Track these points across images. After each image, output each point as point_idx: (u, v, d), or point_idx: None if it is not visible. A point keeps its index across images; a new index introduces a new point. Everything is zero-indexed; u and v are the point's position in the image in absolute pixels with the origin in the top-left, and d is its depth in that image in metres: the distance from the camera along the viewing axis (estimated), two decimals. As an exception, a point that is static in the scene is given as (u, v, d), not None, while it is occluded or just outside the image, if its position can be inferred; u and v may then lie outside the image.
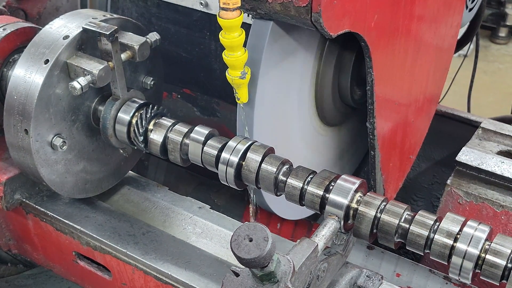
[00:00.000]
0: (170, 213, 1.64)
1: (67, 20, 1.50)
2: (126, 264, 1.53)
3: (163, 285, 1.47)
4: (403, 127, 1.80)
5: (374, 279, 1.33)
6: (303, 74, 1.64)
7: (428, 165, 2.32)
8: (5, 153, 1.65)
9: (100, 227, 1.60)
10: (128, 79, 1.56)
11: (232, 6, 1.22)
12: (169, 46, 1.89)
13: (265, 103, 1.51)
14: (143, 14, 1.91)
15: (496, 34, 5.66)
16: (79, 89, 1.40)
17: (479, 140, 1.95)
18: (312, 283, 1.20)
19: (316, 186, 1.32)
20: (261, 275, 1.03)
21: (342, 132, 1.94)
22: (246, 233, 1.00)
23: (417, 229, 1.25)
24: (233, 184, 1.41)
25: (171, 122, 1.49)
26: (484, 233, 1.21)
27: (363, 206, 1.28)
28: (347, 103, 1.82)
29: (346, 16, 1.28)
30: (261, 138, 1.46)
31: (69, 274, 1.79)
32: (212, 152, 1.42)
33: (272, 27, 1.40)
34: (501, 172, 1.78)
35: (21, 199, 1.68)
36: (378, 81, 1.50)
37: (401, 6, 1.49)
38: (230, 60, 1.32)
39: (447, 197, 1.82)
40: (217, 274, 1.45)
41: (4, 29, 1.57)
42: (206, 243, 1.55)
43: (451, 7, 1.83)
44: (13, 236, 1.83)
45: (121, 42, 1.48)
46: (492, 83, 4.99)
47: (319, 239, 1.23)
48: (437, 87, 2.00)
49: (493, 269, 1.18)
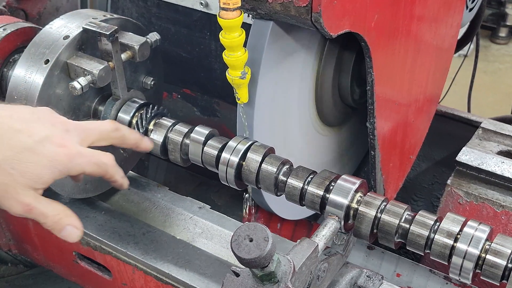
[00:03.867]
0: (170, 213, 1.64)
1: (67, 20, 1.50)
2: (126, 264, 1.53)
3: (163, 285, 1.47)
4: (403, 127, 1.80)
5: (374, 279, 1.33)
6: (303, 74, 1.64)
7: (428, 165, 2.32)
8: (5, 153, 1.65)
9: (100, 227, 1.60)
10: (128, 79, 1.56)
11: (232, 6, 1.22)
12: (169, 46, 1.89)
13: (265, 103, 1.51)
14: (143, 14, 1.91)
15: (496, 34, 5.66)
16: (79, 89, 1.40)
17: (479, 140, 1.95)
18: (313, 283, 1.20)
19: (316, 186, 1.32)
20: (261, 275, 1.03)
21: (342, 132, 1.94)
22: (246, 233, 1.00)
23: (417, 229, 1.25)
24: (233, 184, 1.41)
25: (171, 122, 1.49)
26: (484, 233, 1.21)
27: (364, 206, 1.28)
28: (347, 103, 1.82)
29: (346, 16, 1.28)
30: (261, 138, 1.46)
31: (69, 274, 1.79)
32: (212, 152, 1.42)
33: (272, 27, 1.40)
34: (501, 172, 1.77)
35: (21, 199, 1.67)
36: (378, 81, 1.50)
37: (401, 6, 1.49)
38: (230, 60, 1.32)
39: (447, 197, 1.82)
40: (217, 274, 1.45)
41: (4, 29, 1.57)
42: (206, 243, 1.54)
43: (451, 7, 1.83)
44: (13, 236, 1.83)
45: (121, 42, 1.48)
46: (492, 83, 5.00)
47: (319, 239, 1.23)
48: (437, 87, 2.00)
49: (493, 269, 1.18)
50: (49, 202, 1.19)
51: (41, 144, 1.16)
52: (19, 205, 1.16)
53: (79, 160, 1.20)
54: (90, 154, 1.24)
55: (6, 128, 1.15)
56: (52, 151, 1.17)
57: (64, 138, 1.20)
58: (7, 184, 1.13)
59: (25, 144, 1.14)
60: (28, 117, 1.20)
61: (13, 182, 1.14)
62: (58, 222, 1.19)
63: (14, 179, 1.14)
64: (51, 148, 1.17)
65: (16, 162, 1.13)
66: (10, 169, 1.13)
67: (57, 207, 1.20)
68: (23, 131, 1.16)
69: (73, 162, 1.19)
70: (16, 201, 1.15)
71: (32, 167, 1.14)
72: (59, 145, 1.18)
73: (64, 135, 1.21)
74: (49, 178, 1.17)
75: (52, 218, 1.18)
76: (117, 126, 1.36)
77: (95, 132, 1.29)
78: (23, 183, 1.14)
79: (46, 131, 1.18)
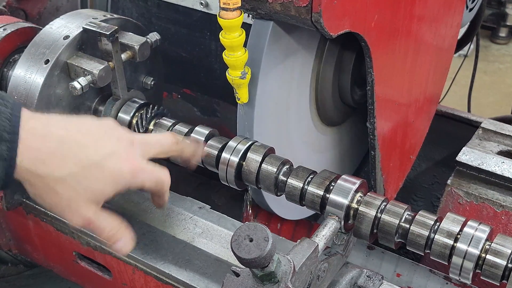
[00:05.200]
0: (170, 213, 1.64)
1: (68, 20, 1.50)
2: (126, 264, 1.53)
3: (164, 285, 1.47)
4: (403, 127, 1.80)
5: (374, 279, 1.33)
6: (303, 74, 1.64)
7: (428, 165, 2.32)
8: (5, 153, 1.65)
9: (100, 227, 1.60)
10: (128, 79, 1.56)
11: (233, 6, 1.22)
12: (169, 46, 1.89)
13: (265, 103, 1.51)
14: (143, 14, 1.91)
15: (496, 34, 5.65)
16: (79, 89, 1.40)
17: (479, 140, 1.95)
18: (313, 283, 1.20)
19: (316, 186, 1.32)
20: (261, 275, 1.03)
21: (342, 132, 1.94)
22: (247, 233, 1.00)
23: (417, 229, 1.25)
24: (234, 184, 1.41)
25: (171, 122, 1.49)
26: (484, 233, 1.21)
27: (364, 206, 1.28)
28: (347, 103, 1.82)
29: (346, 16, 1.28)
30: (261, 138, 1.46)
31: (70, 274, 1.79)
32: (212, 152, 1.42)
33: (273, 27, 1.40)
34: (502, 172, 1.77)
35: (21, 199, 1.67)
36: (378, 81, 1.50)
37: (401, 6, 1.49)
38: (230, 60, 1.32)
39: (447, 197, 1.82)
40: (217, 274, 1.45)
41: (5, 29, 1.57)
42: (206, 243, 1.54)
43: (451, 7, 1.83)
44: (14, 236, 1.83)
45: (121, 42, 1.49)
46: (492, 83, 4.99)
47: (320, 239, 1.23)
48: (437, 87, 2.00)
49: (493, 269, 1.19)
50: (108, 217, 1.19)
51: (107, 160, 1.16)
52: (80, 219, 1.16)
53: (141, 176, 1.21)
54: (151, 170, 1.23)
55: (73, 143, 1.14)
56: (118, 168, 1.17)
57: (129, 153, 1.20)
58: (70, 198, 1.14)
59: (92, 160, 1.14)
60: (95, 131, 1.19)
61: (77, 197, 1.14)
62: (113, 236, 1.21)
63: (78, 193, 1.14)
64: (117, 164, 1.17)
65: (81, 178, 1.13)
66: (76, 184, 1.13)
67: (114, 221, 1.21)
68: (90, 147, 1.15)
69: (135, 178, 1.20)
70: (77, 215, 1.16)
71: (96, 183, 1.15)
72: (124, 160, 1.18)
73: (129, 150, 1.20)
74: (111, 193, 1.18)
75: (108, 233, 1.20)
76: (177, 139, 1.35)
77: (157, 146, 1.29)
78: (86, 198, 1.15)
79: (112, 147, 1.17)
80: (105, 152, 1.16)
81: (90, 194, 1.15)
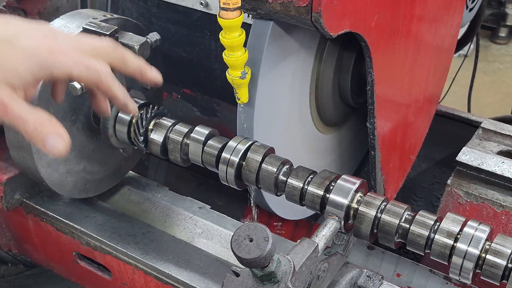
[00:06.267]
0: (170, 213, 1.64)
1: (67, 20, 1.50)
2: (126, 264, 1.53)
3: (164, 285, 1.47)
4: (403, 127, 1.80)
5: (374, 279, 1.33)
6: (303, 74, 1.64)
7: (428, 165, 2.32)
8: (5, 153, 1.65)
9: (100, 227, 1.60)
10: (128, 79, 1.56)
11: (232, 6, 1.22)
12: (169, 46, 1.89)
13: (265, 103, 1.51)
14: (143, 14, 1.91)
15: (496, 34, 5.65)
16: (79, 89, 1.40)
17: (479, 140, 1.95)
18: (313, 283, 1.20)
19: (316, 186, 1.32)
20: (261, 275, 1.03)
21: (342, 132, 1.94)
22: (247, 233, 1.00)
23: (417, 229, 1.25)
24: (234, 184, 1.41)
25: (171, 122, 1.49)
26: (484, 233, 1.21)
27: (364, 206, 1.28)
28: (347, 103, 1.82)
29: (346, 16, 1.28)
30: (261, 138, 1.46)
31: (69, 274, 1.79)
32: (213, 152, 1.42)
33: (272, 27, 1.40)
34: (501, 172, 1.77)
35: (21, 199, 1.68)
36: (378, 81, 1.50)
37: (401, 6, 1.49)
38: (230, 60, 1.32)
39: (447, 197, 1.82)
40: (217, 274, 1.45)
41: (4, 29, 1.56)
42: (206, 243, 1.55)
43: (451, 7, 1.83)
44: (13, 236, 1.83)
45: (121, 42, 1.48)
46: (492, 83, 4.99)
47: (320, 239, 1.23)
48: (437, 87, 2.00)
49: (493, 269, 1.18)
50: (30, 107, 1.00)
51: (20, 38, 1.01)
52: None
53: (62, 58, 1.03)
54: (76, 55, 1.05)
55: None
56: (32, 45, 1.01)
57: (48, 35, 1.04)
58: None
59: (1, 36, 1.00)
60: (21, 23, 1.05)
61: None
62: (40, 130, 0.99)
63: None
64: (31, 42, 1.02)
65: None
66: None
67: (39, 112, 1.01)
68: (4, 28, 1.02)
69: (55, 58, 1.02)
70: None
71: (6, 61, 0.99)
72: (40, 38, 1.03)
73: (48, 34, 1.05)
74: (26, 72, 1.00)
75: (32, 124, 0.99)
76: (116, 45, 1.17)
77: (88, 46, 1.10)
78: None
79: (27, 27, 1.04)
80: (18, 30, 1.02)
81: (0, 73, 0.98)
